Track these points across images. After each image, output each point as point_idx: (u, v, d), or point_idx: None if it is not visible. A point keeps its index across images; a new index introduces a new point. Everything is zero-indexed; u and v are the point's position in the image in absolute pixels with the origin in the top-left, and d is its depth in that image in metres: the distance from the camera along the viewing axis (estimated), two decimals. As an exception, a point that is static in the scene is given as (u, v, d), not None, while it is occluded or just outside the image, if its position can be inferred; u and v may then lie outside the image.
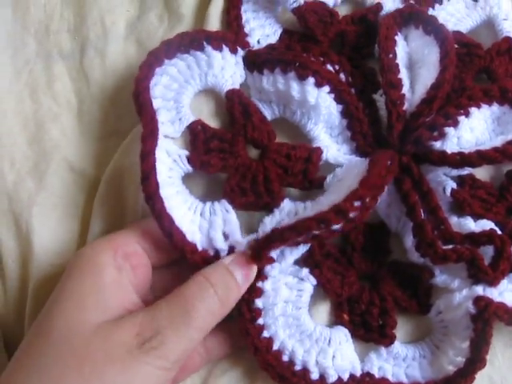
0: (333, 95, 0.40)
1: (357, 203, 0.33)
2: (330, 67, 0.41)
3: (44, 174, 0.41)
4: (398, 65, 0.40)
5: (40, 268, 0.40)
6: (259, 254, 0.35)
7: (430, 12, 0.45)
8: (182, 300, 0.33)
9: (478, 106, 0.39)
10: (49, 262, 0.40)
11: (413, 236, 0.38)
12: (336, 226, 0.34)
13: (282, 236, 0.34)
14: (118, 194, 0.40)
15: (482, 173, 0.41)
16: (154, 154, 0.36)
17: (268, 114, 0.41)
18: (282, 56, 0.40)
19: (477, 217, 0.39)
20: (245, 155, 0.39)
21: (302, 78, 0.39)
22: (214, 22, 0.43)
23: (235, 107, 0.40)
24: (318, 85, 0.39)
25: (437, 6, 0.46)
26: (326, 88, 0.39)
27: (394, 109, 0.39)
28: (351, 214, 0.34)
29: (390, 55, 0.40)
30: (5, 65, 0.44)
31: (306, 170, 0.39)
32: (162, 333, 0.32)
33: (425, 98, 0.39)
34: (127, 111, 0.42)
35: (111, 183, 0.40)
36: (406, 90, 0.40)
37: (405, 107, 0.40)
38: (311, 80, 0.39)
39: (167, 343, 0.32)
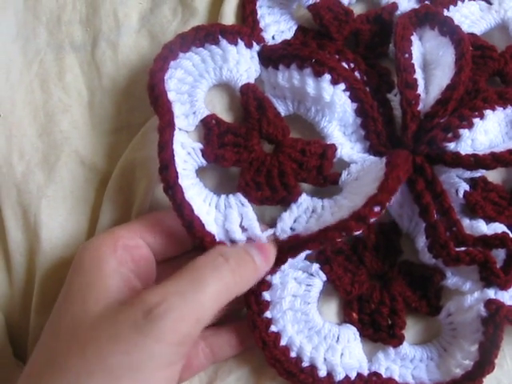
0: (348, 93, 0.39)
1: (377, 208, 0.33)
2: (345, 65, 0.41)
3: (54, 167, 0.41)
4: (413, 65, 0.40)
5: (47, 261, 0.39)
6: (280, 258, 0.36)
7: (445, 13, 0.45)
8: (192, 269, 0.32)
9: (493, 109, 0.39)
10: (56, 255, 0.40)
11: (425, 237, 0.38)
12: (358, 232, 0.34)
13: (305, 246, 0.35)
14: (128, 188, 0.40)
15: (493, 175, 0.41)
16: (172, 144, 0.35)
17: (282, 110, 0.41)
18: (299, 52, 0.39)
19: (489, 219, 0.39)
20: (259, 149, 0.39)
21: (318, 74, 0.39)
22: (228, 17, 0.43)
23: (250, 102, 0.40)
24: (334, 82, 0.39)
25: (451, 7, 0.46)
26: (342, 86, 0.39)
27: (409, 108, 0.39)
28: (372, 220, 0.33)
29: (406, 55, 0.40)
30: (16, 54, 0.44)
31: (320, 165, 0.39)
32: (167, 300, 0.30)
33: (440, 98, 0.39)
34: (139, 105, 0.42)
35: (122, 177, 0.40)
36: (420, 90, 0.40)
37: (419, 107, 0.39)
38: (327, 77, 0.39)
39: (174, 309, 0.29)
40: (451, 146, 0.38)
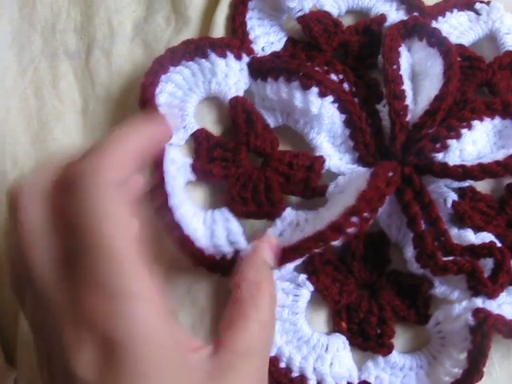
0: (336, 105, 0.40)
1: (354, 219, 0.34)
2: (334, 76, 0.41)
3: (46, 174, 0.41)
4: (401, 76, 0.40)
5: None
6: None
7: (433, 24, 0.45)
8: None
9: (481, 119, 0.40)
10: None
11: (413, 247, 0.38)
12: (335, 242, 0.35)
13: (286, 257, 0.35)
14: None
15: (482, 185, 0.41)
16: (163, 166, 0.36)
17: (271, 121, 0.41)
18: (287, 65, 0.40)
19: (477, 229, 0.39)
20: (247, 164, 0.40)
21: (305, 87, 0.39)
22: (220, 26, 0.43)
23: (238, 115, 0.40)
24: (322, 95, 0.39)
25: (440, 18, 0.46)
26: (330, 98, 0.40)
27: (398, 119, 0.39)
28: (349, 230, 0.34)
29: (394, 66, 0.40)
30: (11, 62, 0.44)
31: (307, 178, 0.39)
32: None
33: (428, 109, 0.39)
34: (132, 113, 0.42)
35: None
36: (409, 101, 0.40)
37: (408, 118, 0.40)
38: (315, 90, 0.39)
39: None
40: (439, 156, 0.39)
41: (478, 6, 0.47)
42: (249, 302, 0.31)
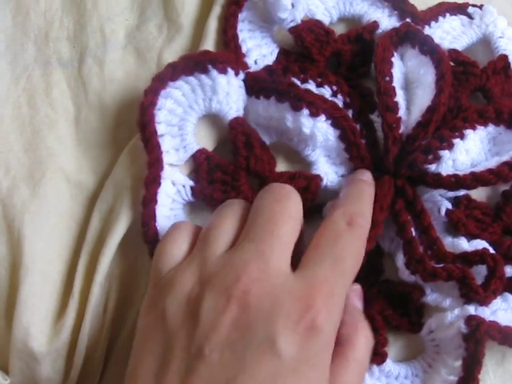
0: (329, 121, 0.40)
1: None
2: (327, 88, 0.41)
3: (38, 183, 0.41)
4: (394, 88, 0.40)
5: (28, 276, 0.39)
6: None
7: (427, 30, 0.45)
8: None
9: (474, 128, 0.40)
10: (38, 270, 0.40)
11: (403, 253, 0.38)
12: None
13: None
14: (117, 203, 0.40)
15: (478, 193, 0.41)
16: (156, 202, 0.37)
17: (266, 138, 0.41)
18: (277, 85, 0.39)
19: (472, 237, 0.39)
20: (246, 190, 0.39)
21: (296, 109, 0.39)
22: (212, 35, 0.43)
23: (238, 138, 0.40)
24: (313, 115, 0.39)
25: (433, 23, 0.46)
26: (322, 117, 0.39)
27: (391, 133, 0.39)
28: None
29: (387, 78, 0.40)
30: (4, 70, 0.44)
31: (304, 199, 0.38)
32: None
33: (420, 121, 0.39)
34: (124, 120, 0.43)
35: (111, 194, 0.40)
36: (402, 112, 0.40)
37: (401, 130, 0.40)
38: (305, 111, 0.39)
39: None
40: (432, 167, 0.39)
41: (470, 9, 0.47)
42: (347, 343, 0.34)
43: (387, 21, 0.45)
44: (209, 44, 0.43)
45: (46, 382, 0.39)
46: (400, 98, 0.41)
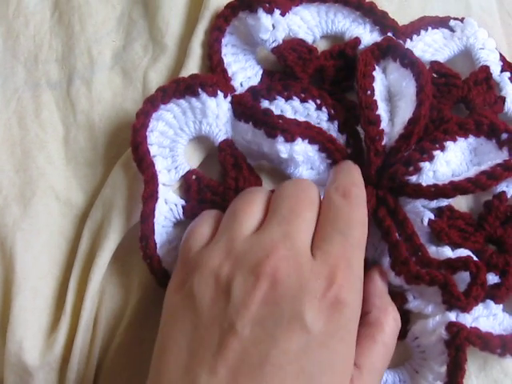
0: (306, 140, 0.40)
1: None
2: (311, 102, 0.42)
3: (29, 202, 0.42)
4: (375, 101, 0.41)
5: (20, 292, 0.40)
6: None
7: (408, 43, 0.46)
8: None
9: (454, 140, 0.40)
10: (29, 286, 0.40)
11: (389, 256, 0.39)
12: None
13: None
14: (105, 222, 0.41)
15: (461, 204, 0.42)
16: (154, 216, 0.38)
17: (250, 160, 0.42)
18: (253, 112, 0.40)
19: (455, 246, 0.40)
20: None
21: (271, 136, 0.40)
22: (196, 54, 0.44)
23: (227, 160, 0.41)
24: (289, 141, 0.40)
25: (414, 36, 0.47)
26: (298, 140, 0.40)
27: (373, 145, 0.40)
28: None
29: (368, 92, 0.41)
30: (-6, 93, 0.45)
31: None
32: None
33: (402, 133, 0.40)
34: (112, 140, 0.44)
35: (100, 212, 0.41)
36: (385, 124, 0.41)
37: (384, 142, 0.41)
38: (280, 139, 0.40)
39: None
40: (413, 179, 0.40)
41: (452, 23, 0.48)
42: (376, 325, 0.35)
43: (369, 36, 0.46)
44: (192, 62, 0.44)
45: (40, 395, 0.40)
46: (382, 110, 0.42)
